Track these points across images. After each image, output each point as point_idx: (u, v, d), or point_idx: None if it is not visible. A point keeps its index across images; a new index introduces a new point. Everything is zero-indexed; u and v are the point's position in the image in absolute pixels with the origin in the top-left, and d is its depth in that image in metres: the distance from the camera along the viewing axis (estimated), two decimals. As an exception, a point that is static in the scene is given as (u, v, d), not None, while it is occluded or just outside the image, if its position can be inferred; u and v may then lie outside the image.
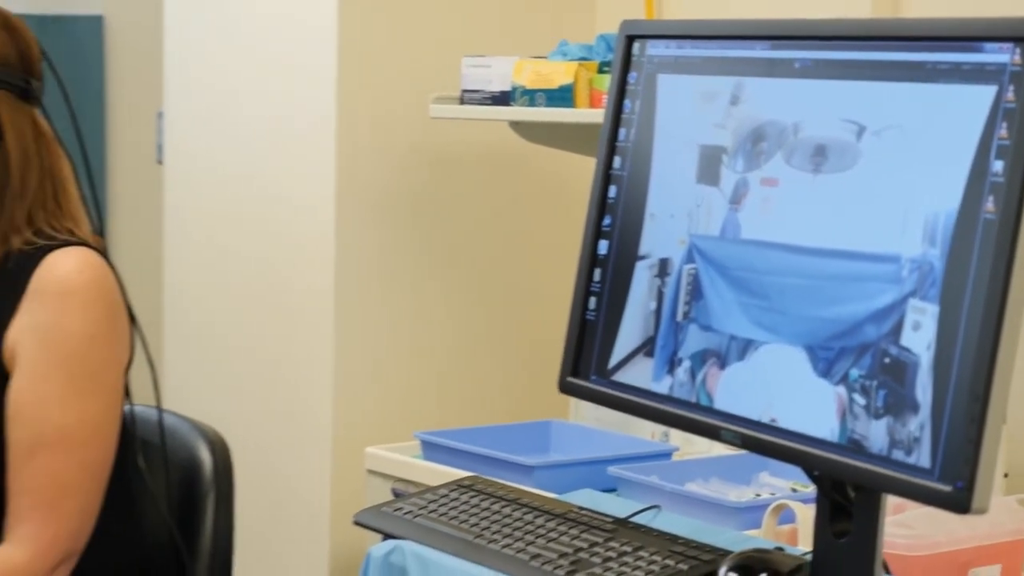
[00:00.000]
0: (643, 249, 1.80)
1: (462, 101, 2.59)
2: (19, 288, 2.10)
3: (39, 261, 2.10)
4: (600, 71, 2.46)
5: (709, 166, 1.73)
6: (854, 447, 1.51)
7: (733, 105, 1.72)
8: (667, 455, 2.42)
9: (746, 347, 1.67)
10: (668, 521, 1.88)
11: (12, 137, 2.14)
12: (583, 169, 2.12)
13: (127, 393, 2.19)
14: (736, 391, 1.68)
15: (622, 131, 1.84)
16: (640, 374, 1.78)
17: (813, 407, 1.58)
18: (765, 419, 1.64)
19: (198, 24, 3.02)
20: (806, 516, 2.01)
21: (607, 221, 1.84)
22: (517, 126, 2.63)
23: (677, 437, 2.48)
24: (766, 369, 1.64)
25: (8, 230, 2.12)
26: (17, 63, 2.16)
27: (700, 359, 1.72)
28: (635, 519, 1.85)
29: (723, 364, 1.69)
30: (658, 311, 1.78)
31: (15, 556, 2.06)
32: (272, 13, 2.82)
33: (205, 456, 2.30)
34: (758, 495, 2.30)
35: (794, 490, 2.34)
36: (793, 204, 1.63)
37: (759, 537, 1.98)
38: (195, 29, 3.03)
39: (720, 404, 1.69)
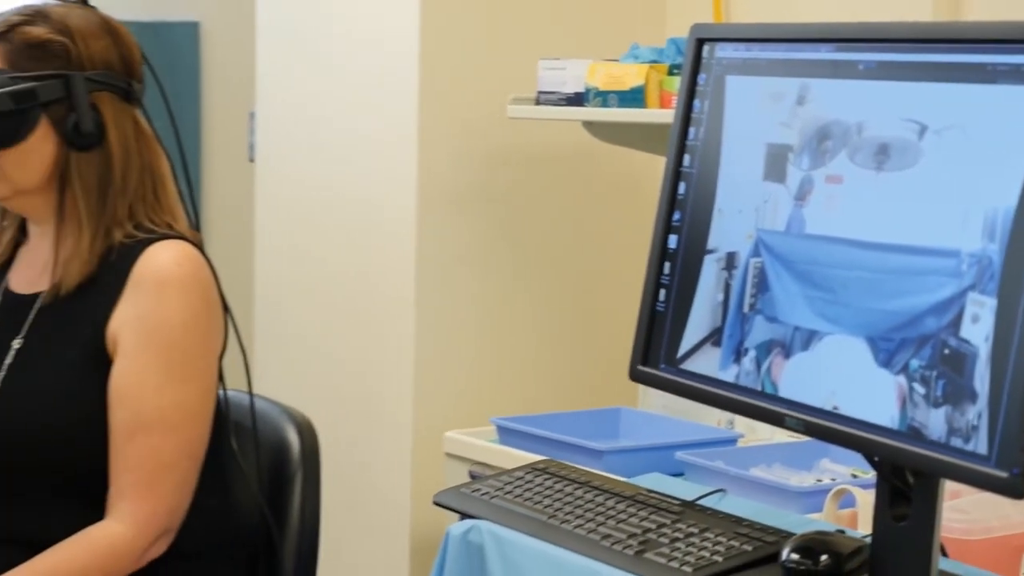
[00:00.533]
0: (711, 243, 1.80)
1: (538, 102, 2.60)
2: (121, 279, 2.12)
3: (139, 254, 2.12)
4: (670, 73, 2.46)
5: (775, 164, 1.73)
6: (914, 434, 1.50)
7: (799, 105, 1.71)
8: (732, 441, 2.42)
9: (810, 338, 1.66)
10: (733, 504, 1.89)
11: (115, 136, 2.16)
12: (653, 167, 2.12)
13: (221, 379, 2.20)
14: (800, 380, 1.68)
15: (691, 130, 1.84)
16: (707, 363, 1.78)
17: (874, 396, 1.57)
18: (828, 407, 1.63)
19: (288, 29, 3.04)
20: (866, 501, 2.00)
21: (676, 216, 1.84)
22: (590, 126, 2.64)
23: (742, 424, 2.48)
24: (829, 359, 1.64)
25: (110, 224, 2.14)
26: (120, 67, 2.18)
27: (765, 349, 1.71)
28: (701, 502, 1.86)
29: (787, 354, 1.69)
30: (725, 302, 1.77)
31: (117, 530, 2.09)
32: (358, 20, 2.83)
33: (293, 439, 2.32)
34: (819, 480, 2.30)
35: (854, 476, 2.33)
36: (856, 200, 1.63)
37: (821, 520, 1.98)
38: (285, 34, 3.05)
39: (784, 392, 1.69)
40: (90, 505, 2.11)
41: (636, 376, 1.85)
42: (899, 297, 1.56)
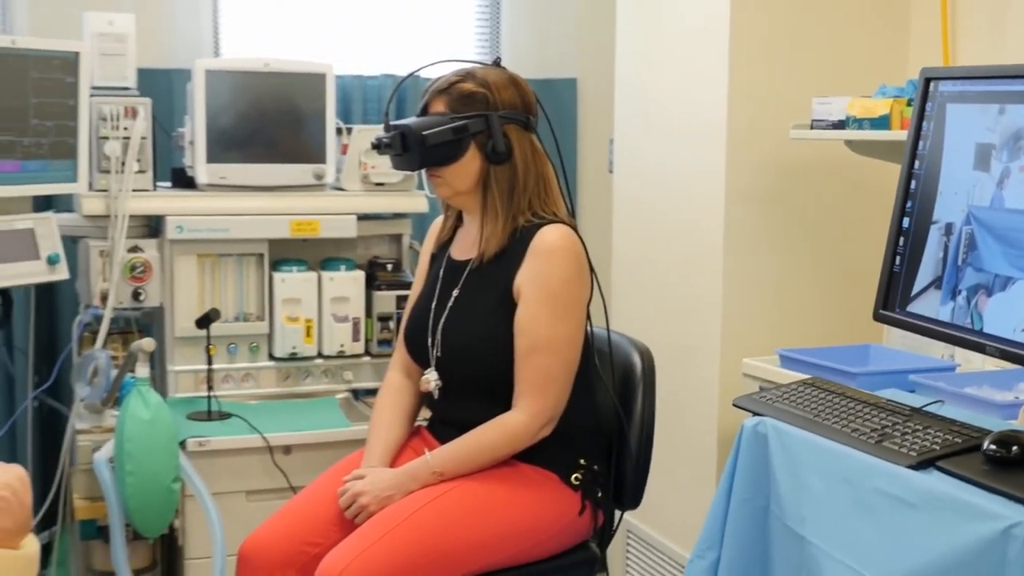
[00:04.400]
0: (935, 217, 1.78)
1: (812, 127, 2.58)
2: (523, 250, 2.17)
3: (535, 232, 2.17)
4: (908, 104, 2.41)
5: (982, 158, 1.70)
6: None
7: (1000, 115, 1.68)
8: (951, 369, 2.36)
9: (1006, 282, 1.64)
10: (949, 411, 1.85)
11: (519, 154, 2.20)
12: (893, 172, 2.10)
13: (588, 318, 2.22)
14: (998, 313, 1.65)
15: (920, 143, 1.81)
16: (930, 305, 1.76)
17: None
18: (1018, 337, 1.60)
19: (635, 82, 3.07)
20: (1052, 413, 1.95)
21: (909, 204, 1.82)
22: (850, 144, 2.60)
23: (960, 357, 2.42)
24: (1019, 297, 1.61)
25: (516, 213, 2.20)
26: (521, 107, 2.21)
27: (973, 290, 1.69)
28: (925, 409, 1.83)
29: (990, 293, 1.66)
30: (944, 258, 1.75)
31: (519, 419, 2.15)
32: (684, 76, 2.84)
33: (637, 361, 2.32)
34: (1017, 397, 2.22)
35: (1045, 395, 2.26)
36: None
37: (1016, 424, 1.93)
38: (634, 85, 3.07)
39: (987, 325, 1.66)
40: (501, 402, 2.17)
41: (878, 317, 1.84)
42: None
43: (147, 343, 2.62)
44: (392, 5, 3.59)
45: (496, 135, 2.18)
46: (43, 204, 2.95)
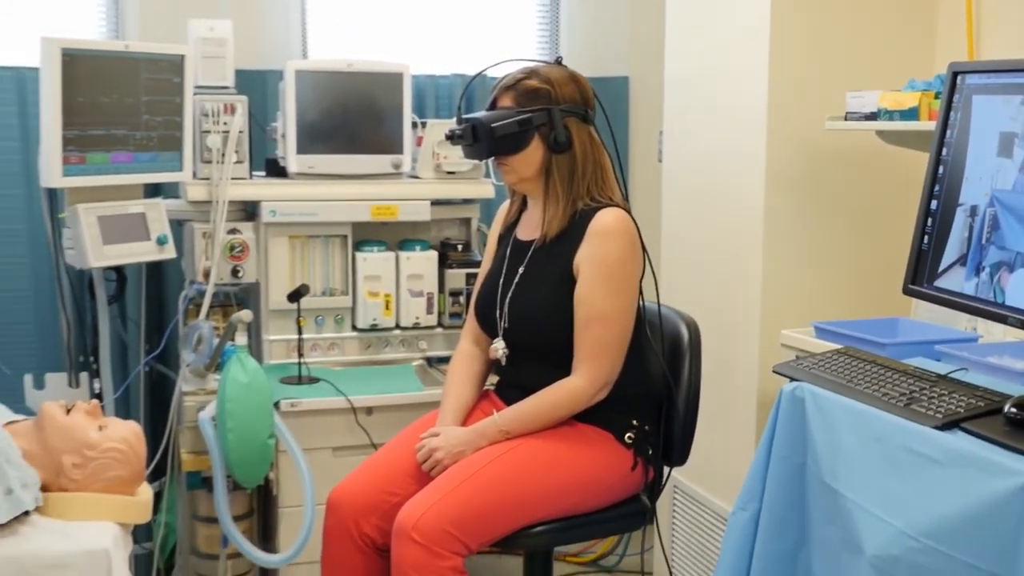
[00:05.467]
0: (961, 199, 1.75)
1: (846, 119, 2.55)
2: (582, 231, 2.18)
3: (593, 215, 2.18)
4: (936, 97, 2.38)
5: (1006, 145, 1.67)
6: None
7: (1022, 105, 1.65)
8: (974, 340, 2.32)
9: None
10: (972, 378, 1.81)
11: (578, 144, 2.20)
12: (921, 160, 2.07)
13: (641, 293, 2.23)
14: (1019, 288, 1.62)
15: (948, 132, 1.78)
16: (955, 280, 1.73)
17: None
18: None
19: (684, 78, 3.04)
20: (1068, 379, 1.91)
21: (936, 189, 1.80)
22: (881, 134, 2.56)
23: (982, 328, 2.39)
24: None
25: (575, 198, 2.20)
26: (580, 101, 2.22)
27: (996, 267, 1.66)
28: (951, 376, 1.81)
29: (1012, 269, 1.63)
30: (969, 237, 1.72)
31: (577, 383, 2.16)
32: (727, 73, 2.80)
33: (684, 332, 2.32)
34: (1035, 367, 2.20)
35: (1063, 365, 2.21)
36: None
37: (1035, 390, 1.91)
38: (682, 81, 3.05)
39: (1009, 299, 1.63)
40: (562, 368, 2.18)
41: (908, 291, 1.81)
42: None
43: (245, 315, 2.65)
44: (461, 10, 3.59)
45: (557, 127, 2.18)
46: (152, 191, 2.98)
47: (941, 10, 2.73)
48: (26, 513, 1.90)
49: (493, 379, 2.40)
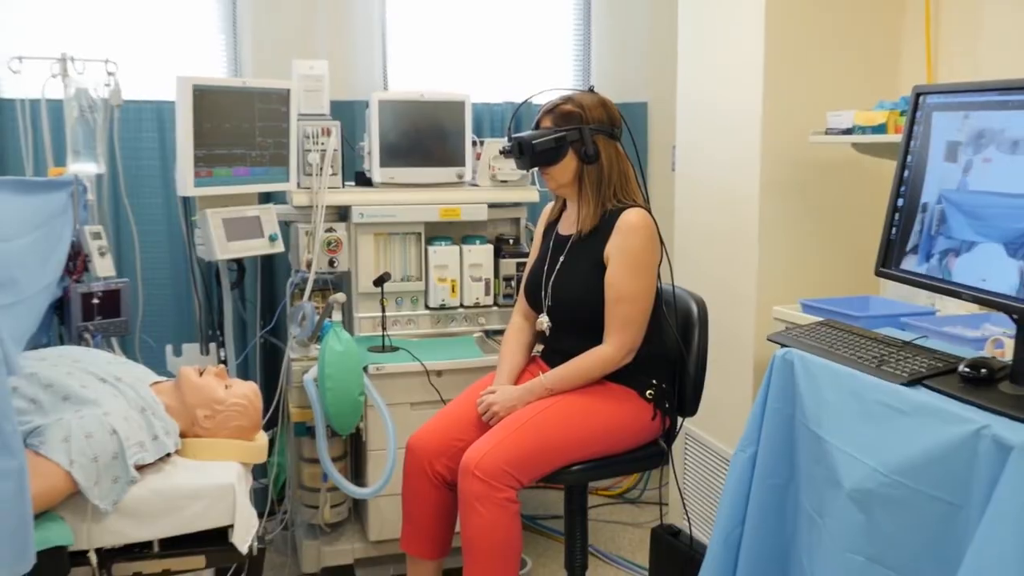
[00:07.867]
0: (923, 199, 1.71)
1: (827, 133, 2.52)
2: (610, 227, 2.17)
3: (619, 214, 2.17)
4: (901, 114, 2.34)
5: (951, 152, 1.64)
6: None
7: (965, 120, 1.62)
8: (933, 312, 2.30)
9: (971, 246, 1.58)
10: (932, 344, 1.80)
11: (605, 157, 2.19)
12: (890, 167, 2.03)
13: (659, 277, 2.21)
14: (964, 271, 1.59)
15: (911, 143, 1.74)
16: (913, 264, 1.71)
17: (1006, 276, 1.50)
18: (980, 284, 1.56)
19: (694, 100, 3.03)
20: (1010, 345, 1.87)
21: (903, 189, 1.76)
22: (856, 146, 2.53)
23: (939, 304, 2.35)
24: (981, 256, 1.56)
25: (604, 200, 2.19)
26: (607, 121, 2.20)
27: (944, 254, 1.64)
28: (914, 342, 1.79)
29: (957, 254, 1.61)
30: (921, 231, 1.70)
31: (607, 351, 2.16)
32: (727, 97, 2.78)
33: (694, 308, 2.29)
34: (983, 334, 2.16)
35: (1005, 333, 2.17)
36: (999, 171, 1.54)
37: (983, 353, 1.88)
38: (693, 104, 3.02)
39: (956, 278, 1.61)
40: (595, 338, 2.18)
41: (879, 273, 1.78)
42: (1021, 221, 1.48)
43: (340, 297, 2.67)
44: (511, 48, 3.59)
45: (587, 143, 2.17)
46: (265, 198, 3.00)
47: (904, 45, 2.70)
48: (168, 455, 1.94)
49: (539, 347, 2.40)
